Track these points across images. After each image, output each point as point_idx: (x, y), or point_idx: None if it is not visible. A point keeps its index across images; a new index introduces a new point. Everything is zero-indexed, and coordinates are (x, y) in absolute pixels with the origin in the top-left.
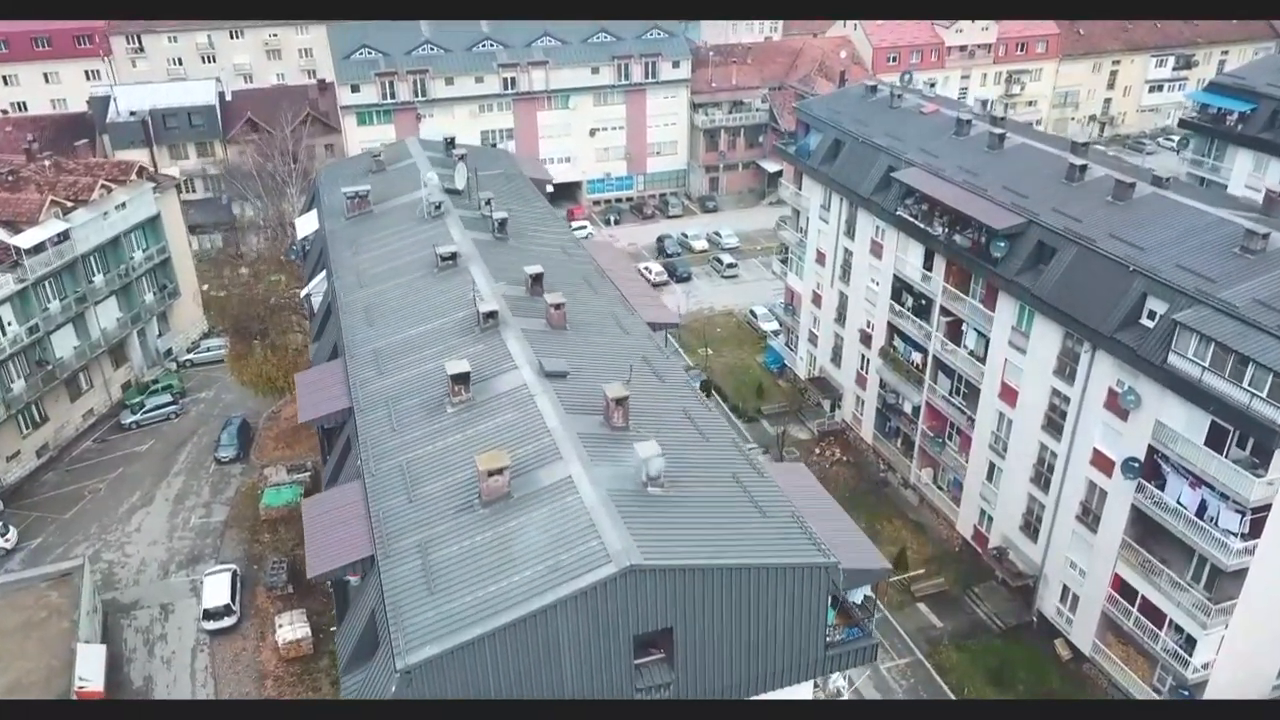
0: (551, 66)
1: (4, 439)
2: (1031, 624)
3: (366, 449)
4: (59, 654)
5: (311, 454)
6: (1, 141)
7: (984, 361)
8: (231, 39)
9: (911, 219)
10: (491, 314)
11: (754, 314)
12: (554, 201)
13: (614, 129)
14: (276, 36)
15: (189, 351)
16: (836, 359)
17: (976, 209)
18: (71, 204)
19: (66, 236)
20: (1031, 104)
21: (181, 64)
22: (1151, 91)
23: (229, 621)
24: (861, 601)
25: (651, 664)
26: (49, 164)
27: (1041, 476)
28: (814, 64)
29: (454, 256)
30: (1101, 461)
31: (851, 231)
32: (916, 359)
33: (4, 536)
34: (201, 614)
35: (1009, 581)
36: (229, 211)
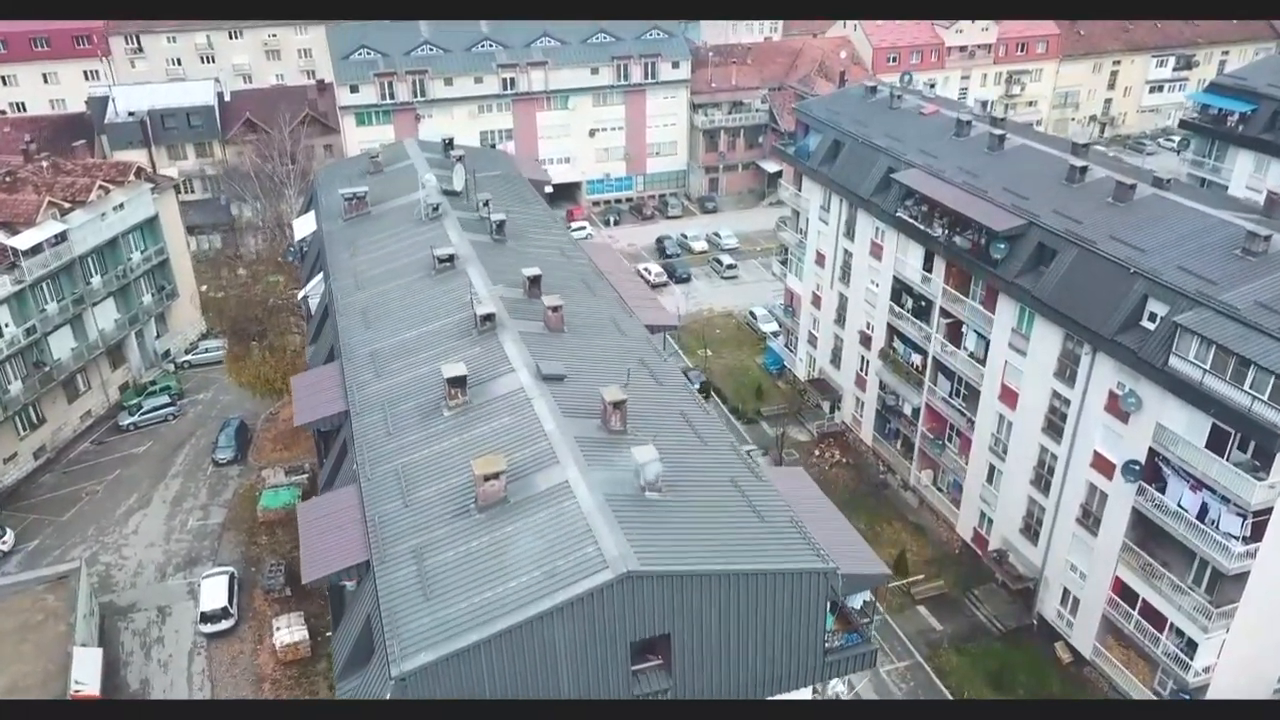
0: (551, 67)
1: (1, 441)
2: (1032, 627)
3: (362, 453)
4: (55, 658)
5: (309, 456)
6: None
7: (984, 363)
8: (230, 39)
9: (911, 220)
10: (489, 316)
11: (753, 315)
12: (553, 202)
13: (613, 129)
14: (275, 37)
15: (187, 353)
16: (836, 360)
17: (976, 210)
18: (69, 205)
19: (64, 238)
20: (1032, 104)
21: (180, 64)
22: (1152, 92)
23: (226, 624)
24: (861, 607)
25: (649, 670)
26: (46, 165)
27: (1042, 479)
28: (814, 64)
29: (451, 258)
30: (1102, 464)
31: (851, 233)
32: (916, 361)
33: (1, 539)
34: (199, 617)
35: (1009, 584)
36: (227, 212)
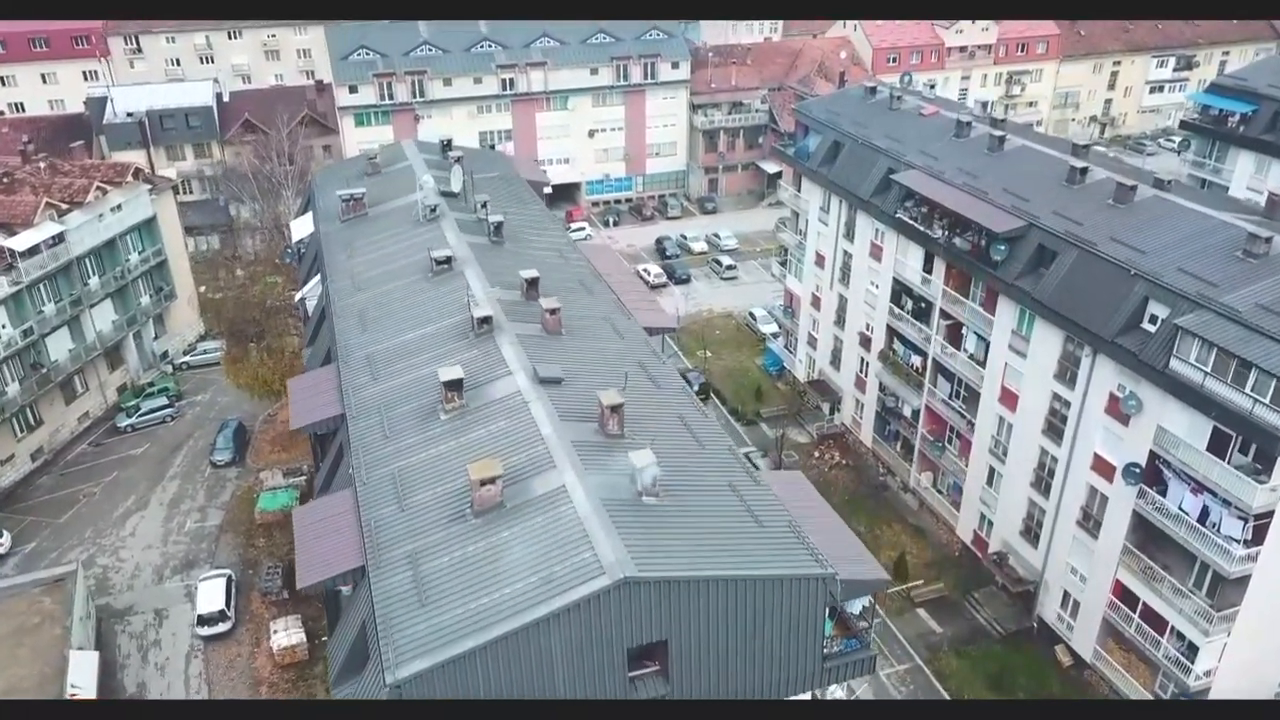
0: (550, 67)
1: None
2: (1032, 630)
3: (358, 456)
4: (51, 661)
5: (307, 458)
6: None
7: (984, 365)
8: (230, 40)
9: (911, 221)
10: (486, 319)
11: (753, 316)
12: (553, 203)
13: (613, 130)
14: (275, 37)
15: (185, 354)
16: (836, 362)
17: (976, 212)
18: (67, 206)
19: (61, 239)
20: (1032, 105)
21: (180, 65)
22: (1152, 92)
23: (223, 627)
24: (860, 612)
25: (646, 677)
26: (44, 166)
27: (1042, 481)
28: (814, 65)
29: (449, 260)
30: (1102, 467)
31: (851, 234)
32: (916, 362)
33: None
34: (196, 619)
35: (1009, 587)
36: (226, 213)
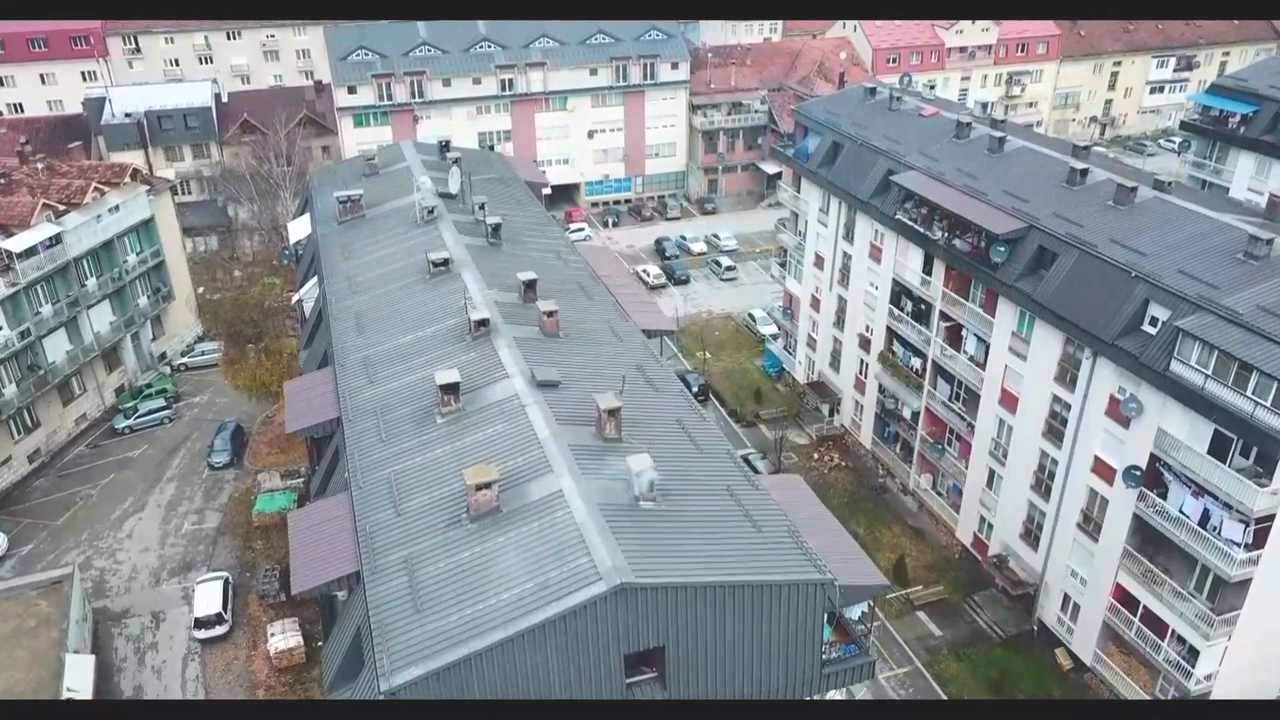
0: (549, 68)
1: None
2: (1032, 633)
3: (354, 460)
4: (48, 664)
5: (305, 460)
6: None
7: (984, 367)
8: (229, 40)
9: (911, 223)
10: (483, 322)
11: (753, 317)
12: (552, 203)
13: (612, 131)
14: (274, 38)
15: (183, 355)
16: (835, 363)
17: (976, 213)
18: (64, 207)
19: (59, 240)
20: (1032, 105)
21: (179, 65)
22: (1153, 93)
23: (220, 630)
24: (859, 617)
25: (643, 683)
26: (42, 166)
27: (1042, 484)
28: (813, 65)
29: (446, 262)
30: (1103, 469)
31: (850, 235)
32: (916, 364)
33: None
34: (193, 622)
35: (1009, 590)
36: (224, 214)
